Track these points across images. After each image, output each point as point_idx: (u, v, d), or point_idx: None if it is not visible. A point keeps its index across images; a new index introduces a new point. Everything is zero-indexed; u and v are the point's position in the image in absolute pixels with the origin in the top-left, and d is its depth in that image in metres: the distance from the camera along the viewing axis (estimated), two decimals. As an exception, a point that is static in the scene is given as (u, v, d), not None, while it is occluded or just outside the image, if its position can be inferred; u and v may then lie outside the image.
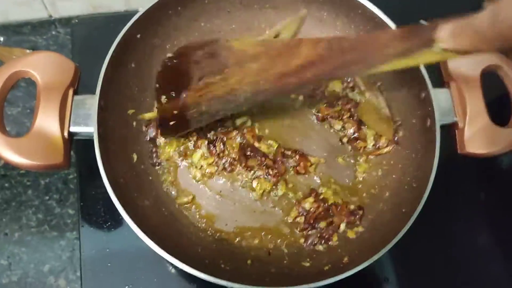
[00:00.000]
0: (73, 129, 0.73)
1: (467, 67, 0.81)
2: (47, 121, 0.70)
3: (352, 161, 0.91)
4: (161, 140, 0.89)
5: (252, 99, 0.76)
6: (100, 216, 0.88)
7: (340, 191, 0.89)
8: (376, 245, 0.74)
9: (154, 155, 0.88)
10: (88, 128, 0.73)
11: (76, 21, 1.06)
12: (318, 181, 0.89)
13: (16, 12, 1.05)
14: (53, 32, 1.08)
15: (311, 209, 0.85)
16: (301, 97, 0.93)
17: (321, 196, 0.86)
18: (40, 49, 1.04)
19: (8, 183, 0.93)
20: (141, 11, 0.80)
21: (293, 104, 0.93)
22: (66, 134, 0.72)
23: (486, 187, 0.98)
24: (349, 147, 0.92)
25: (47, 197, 0.92)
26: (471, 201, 0.97)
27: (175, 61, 0.80)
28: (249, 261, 0.81)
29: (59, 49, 1.05)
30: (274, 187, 0.86)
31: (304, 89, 0.92)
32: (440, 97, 0.80)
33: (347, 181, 0.90)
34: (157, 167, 0.88)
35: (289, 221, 0.86)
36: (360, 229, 0.85)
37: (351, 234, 0.84)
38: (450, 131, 0.82)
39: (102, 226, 0.87)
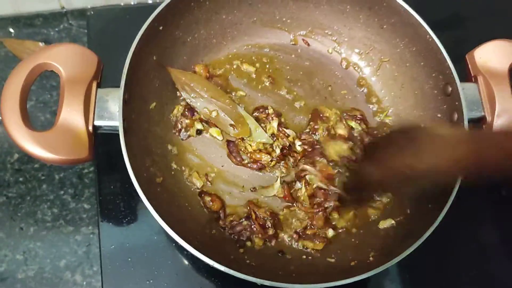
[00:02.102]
0: (97, 122, 0.71)
1: (495, 61, 0.81)
2: (72, 115, 0.69)
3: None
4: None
5: None
6: (119, 211, 0.87)
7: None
8: (401, 241, 0.73)
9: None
10: (113, 121, 0.71)
11: (92, 13, 1.04)
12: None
13: (28, 3, 1.04)
14: (65, 24, 1.06)
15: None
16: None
17: None
18: (52, 42, 1.03)
19: (22, 178, 0.91)
20: (165, 2, 0.79)
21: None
22: (90, 127, 0.70)
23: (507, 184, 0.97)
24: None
25: (62, 192, 0.91)
26: (493, 196, 0.96)
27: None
28: (274, 257, 0.80)
29: (73, 41, 1.03)
30: None
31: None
32: (467, 91, 0.80)
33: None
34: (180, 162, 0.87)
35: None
36: (388, 223, 0.83)
37: (382, 225, 0.84)
38: (477, 126, 0.81)
39: (122, 221, 0.86)
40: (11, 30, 1.04)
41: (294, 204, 0.85)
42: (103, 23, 1.03)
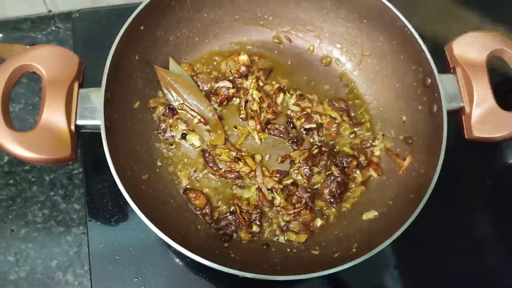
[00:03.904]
0: (79, 122, 0.72)
1: (472, 52, 0.81)
2: (53, 115, 0.70)
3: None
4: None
5: None
6: (107, 210, 0.88)
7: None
8: (385, 232, 0.73)
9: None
10: (95, 121, 0.72)
11: (77, 15, 1.05)
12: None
13: (15, 8, 1.05)
14: (53, 28, 1.07)
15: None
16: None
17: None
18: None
19: (13, 180, 0.92)
20: (145, 2, 0.80)
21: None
22: (73, 127, 0.71)
23: (492, 174, 0.99)
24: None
25: (52, 193, 0.92)
26: (477, 186, 0.97)
27: None
28: (259, 251, 0.81)
29: (60, 44, 1.03)
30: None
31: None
32: (446, 83, 0.80)
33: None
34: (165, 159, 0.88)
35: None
36: (372, 214, 0.84)
37: (365, 216, 0.84)
38: (457, 116, 0.81)
39: (110, 220, 0.87)
40: None
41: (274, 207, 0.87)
42: (88, 25, 1.03)
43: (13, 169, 0.93)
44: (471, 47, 0.82)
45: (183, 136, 0.89)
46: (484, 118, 0.79)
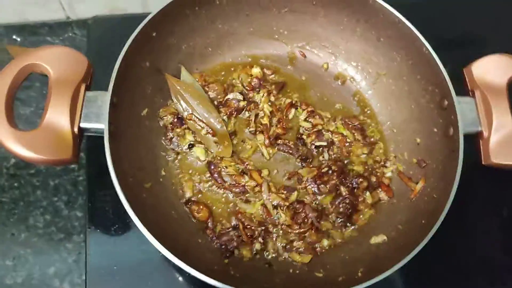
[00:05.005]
0: (83, 124, 0.71)
1: (493, 75, 0.79)
2: (57, 115, 0.69)
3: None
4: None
5: None
6: (108, 218, 0.86)
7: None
8: (393, 257, 0.70)
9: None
10: (99, 124, 0.71)
11: (93, 21, 1.06)
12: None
13: (34, 12, 1.06)
14: (70, 34, 1.08)
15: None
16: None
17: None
18: (56, 50, 1.04)
19: (17, 183, 0.91)
20: (158, 9, 0.80)
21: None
22: (76, 129, 0.70)
23: (510, 204, 0.94)
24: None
25: (55, 198, 0.91)
26: (493, 216, 0.93)
27: None
28: (261, 269, 0.78)
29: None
30: None
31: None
32: (464, 105, 0.78)
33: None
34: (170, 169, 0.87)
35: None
36: (380, 238, 0.81)
37: (374, 240, 0.81)
38: (474, 141, 0.79)
39: (110, 228, 0.85)
40: (17, 38, 1.06)
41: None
42: (103, 31, 1.04)
43: (18, 172, 0.92)
44: (492, 70, 0.79)
45: (190, 147, 0.87)
46: (503, 143, 0.76)
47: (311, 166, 0.87)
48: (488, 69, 0.79)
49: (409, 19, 0.83)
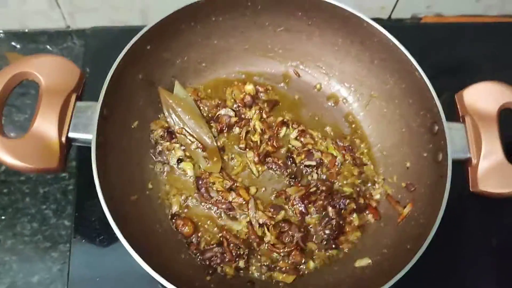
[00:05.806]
0: (71, 134, 0.71)
1: (484, 102, 0.79)
2: (45, 124, 0.69)
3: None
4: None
5: None
6: (94, 229, 0.85)
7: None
8: (377, 281, 0.69)
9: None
10: (87, 135, 0.71)
11: (91, 31, 1.06)
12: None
13: (34, 20, 1.07)
14: (69, 43, 1.08)
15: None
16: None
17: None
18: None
19: (7, 189, 0.91)
20: (153, 22, 0.80)
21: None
22: (63, 139, 0.70)
23: (499, 233, 0.93)
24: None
25: (44, 206, 0.91)
26: (481, 245, 0.92)
27: None
28: (242, 287, 0.78)
29: (73, 60, 1.04)
30: None
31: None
32: (454, 131, 0.77)
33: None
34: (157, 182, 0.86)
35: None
36: (365, 262, 0.80)
37: (358, 263, 0.80)
38: (462, 167, 0.78)
39: (95, 239, 0.85)
40: (16, 45, 1.07)
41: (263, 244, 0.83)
42: (101, 42, 1.04)
43: (9, 179, 0.92)
44: (483, 97, 0.79)
45: (179, 162, 0.87)
46: (491, 171, 0.75)
47: (299, 185, 0.87)
48: (479, 95, 0.79)
49: (404, 44, 0.83)
